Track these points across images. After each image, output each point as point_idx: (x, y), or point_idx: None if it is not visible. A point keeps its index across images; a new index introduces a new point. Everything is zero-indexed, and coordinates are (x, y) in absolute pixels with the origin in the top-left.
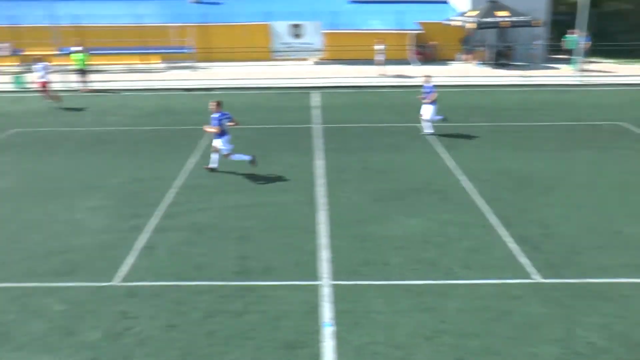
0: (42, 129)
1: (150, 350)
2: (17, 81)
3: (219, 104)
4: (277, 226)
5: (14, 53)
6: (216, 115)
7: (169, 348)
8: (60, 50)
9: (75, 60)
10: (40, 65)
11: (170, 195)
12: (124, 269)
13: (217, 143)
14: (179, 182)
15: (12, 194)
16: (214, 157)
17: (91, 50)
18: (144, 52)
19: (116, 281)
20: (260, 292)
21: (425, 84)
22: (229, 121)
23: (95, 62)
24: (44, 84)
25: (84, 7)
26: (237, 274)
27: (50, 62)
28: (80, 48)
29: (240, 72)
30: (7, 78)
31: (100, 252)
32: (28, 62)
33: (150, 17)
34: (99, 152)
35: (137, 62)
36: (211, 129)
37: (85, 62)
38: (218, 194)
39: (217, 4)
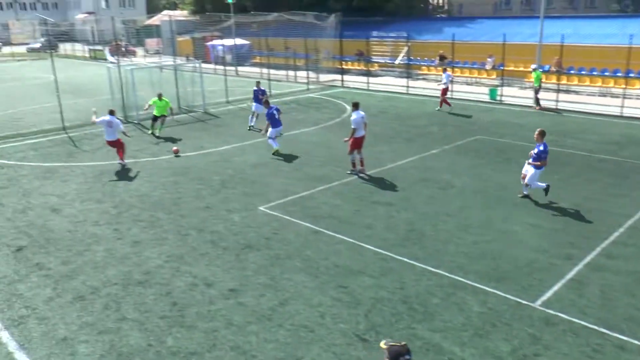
0: (502, 139)
1: None
2: (492, 94)
3: (541, 133)
4: None
5: (496, 67)
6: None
7: None
8: (537, 67)
9: (533, 77)
10: (445, 74)
11: (615, 234)
12: (548, 294)
13: None
14: (630, 222)
15: (461, 193)
16: None
17: (568, 70)
18: (623, 75)
19: (537, 303)
20: None
21: None
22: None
23: (569, 82)
24: (444, 91)
25: (572, 26)
26: None
27: (526, 78)
28: (535, 66)
29: None
30: (485, 89)
31: (529, 270)
32: (507, 76)
33: None
34: (551, 172)
35: (611, 86)
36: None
37: (540, 80)
38: None
39: None
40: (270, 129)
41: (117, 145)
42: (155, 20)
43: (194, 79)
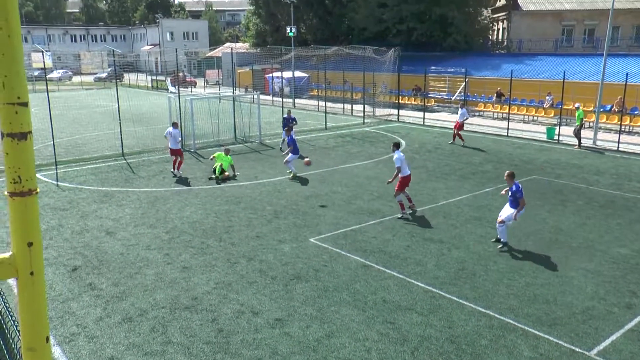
0: (559, 180)
1: None
2: (550, 133)
3: (510, 175)
4: None
5: (554, 106)
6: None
7: None
8: (579, 106)
9: (577, 116)
10: (462, 109)
11: None
12: (605, 344)
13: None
14: None
15: (515, 233)
16: None
17: (633, 111)
18: None
19: (592, 353)
20: None
21: None
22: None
23: (632, 123)
24: (458, 125)
25: (637, 65)
26: None
27: (586, 118)
28: (578, 105)
29: None
30: (542, 128)
31: (584, 318)
32: (565, 115)
33: None
34: (610, 216)
35: None
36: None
37: (582, 119)
38: None
39: None
40: (290, 154)
41: (177, 154)
42: (217, 52)
43: (252, 110)
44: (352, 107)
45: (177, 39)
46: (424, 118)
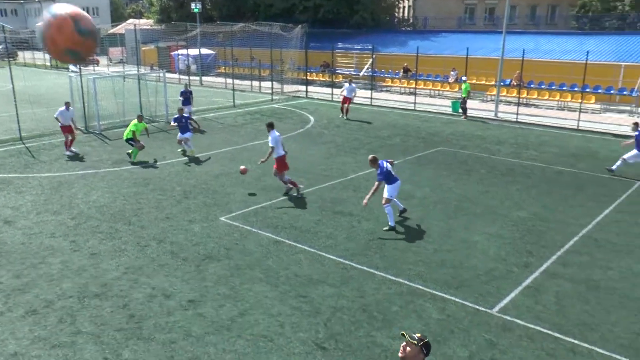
0: (464, 151)
1: None
2: (454, 106)
3: (372, 160)
4: None
5: (458, 81)
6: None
7: None
8: (466, 79)
9: (464, 89)
10: (350, 85)
11: (571, 243)
12: (505, 301)
13: None
14: (584, 231)
15: (423, 203)
16: None
17: (529, 84)
18: (580, 90)
19: (494, 310)
20: None
21: None
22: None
23: (529, 96)
24: (345, 99)
25: (533, 42)
26: (625, 348)
27: (488, 91)
28: (464, 77)
29: None
30: (447, 102)
31: (487, 278)
32: (471, 90)
33: (599, 54)
34: (510, 183)
35: (568, 100)
36: None
37: (468, 91)
38: (626, 256)
39: None
40: (179, 134)
41: (69, 132)
42: (120, 29)
43: (158, 89)
44: (260, 84)
45: None
46: (332, 94)
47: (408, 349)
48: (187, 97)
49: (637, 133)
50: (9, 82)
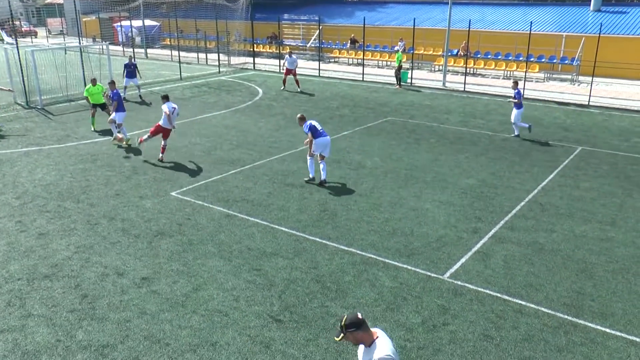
0: (413, 120)
1: (460, 351)
2: (403, 76)
3: (302, 118)
4: (629, 270)
5: (406, 51)
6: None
7: (478, 356)
8: (399, 49)
9: (397, 58)
10: (291, 57)
11: (517, 208)
12: (456, 266)
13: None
14: (530, 196)
15: (373, 173)
16: None
17: (475, 54)
18: (524, 60)
19: (445, 276)
20: (589, 335)
21: None
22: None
23: (475, 65)
24: (288, 71)
25: (479, 13)
26: (567, 307)
27: (436, 62)
28: (398, 47)
29: (628, 92)
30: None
31: (438, 245)
32: (417, 60)
33: (542, 24)
34: (459, 151)
35: (513, 69)
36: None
37: (401, 60)
38: (568, 219)
39: (623, 13)
40: (115, 113)
41: None
42: None
43: (102, 62)
44: (206, 56)
45: None
46: (279, 66)
47: (347, 340)
48: (131, 69)
49: (516, 91)
50: None
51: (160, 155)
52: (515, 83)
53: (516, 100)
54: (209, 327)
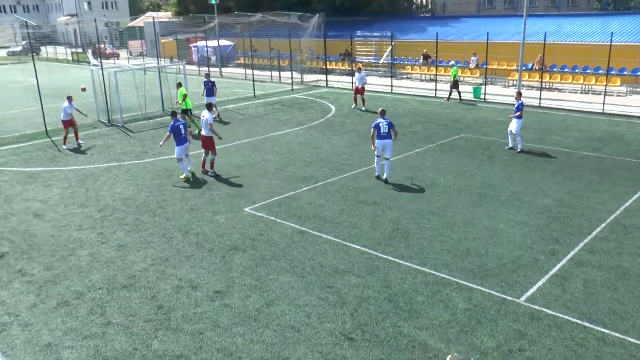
0: (486, 138)
1: None
2: (476, 92)
3: (381, 112)
4: None
5: (479, 66)
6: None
7: None
8: (454, 64)
9: (452, 73)
10: (360, 73)
11: (598, 230)
12: (533, 290)
13: None
14: (612, 217)
15: (446, 191)
16: None
17: (551, 68)
18: (604, 73)
19: (521, 299)
20: None
21: None
22: None
23: (552, 79)
24: (357, 89)
25: (555, 24)
26: None
27: (510, 76)
28: (453, 62)
29: None
30: (468, 88)
31: (513, 267)
32: (490, 75)
33: (624, 35)
34: (535, 169)
35: (592, 83)
36: None
37: (455, 75)
38: None
39: None
40: (177, 148)
41: (71, 125)
42: (139, 22)
43: (178, 81)
44: (279, 74)
45: (96, 9)
46: (352, 83)
47: None
48: (209, 87)
49: (519, 102)
50: (33, 77)
51: (205, 168)
52: (519, 94)
53: (518, 113)
54: (281, 342)
